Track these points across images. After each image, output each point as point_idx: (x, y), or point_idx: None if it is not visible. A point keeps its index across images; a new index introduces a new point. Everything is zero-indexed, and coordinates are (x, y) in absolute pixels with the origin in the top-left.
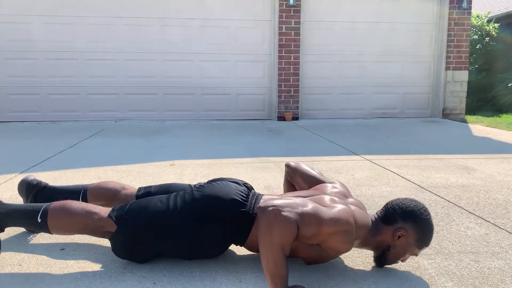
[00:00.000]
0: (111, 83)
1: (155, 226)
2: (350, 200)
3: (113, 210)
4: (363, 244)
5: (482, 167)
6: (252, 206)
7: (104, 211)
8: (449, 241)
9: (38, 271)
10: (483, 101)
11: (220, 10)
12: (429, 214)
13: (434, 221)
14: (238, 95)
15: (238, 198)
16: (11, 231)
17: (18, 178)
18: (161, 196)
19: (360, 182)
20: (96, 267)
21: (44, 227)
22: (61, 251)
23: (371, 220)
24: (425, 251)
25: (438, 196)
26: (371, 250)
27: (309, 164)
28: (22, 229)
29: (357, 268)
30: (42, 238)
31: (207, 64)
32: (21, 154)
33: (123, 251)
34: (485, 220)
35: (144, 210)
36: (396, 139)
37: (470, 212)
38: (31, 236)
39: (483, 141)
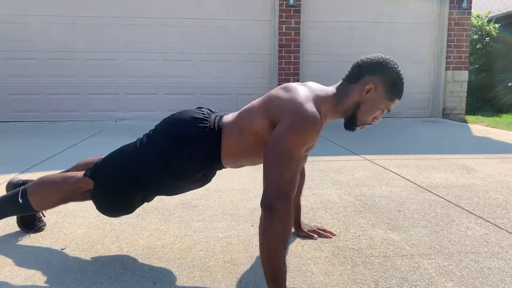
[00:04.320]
0: (111, 83)
1: (129, 167)
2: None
3: (87, 169)
4: (334, 113)
5: (482, 167)
6: (214, 121)
7: (79, 173)
8: (449, 241)
9: (38, 271)
10: (483, 101)
11: (220, 10)
12: (396, 63)
13: (434, 221)
14: (238, 95)
15: (198, 116)
16: (10, 231)
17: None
18: (128, 143)
19: (360, 182)
20: (96, 267)
21: (27, 207)
22: (61, 251)
23: (336, 87)
24: (425, 251)
25: (438, 196)
26: (343, 117)
27: (308, 164)
28: (21, 230)
29: (357, 268)
30: (42, 238)
31: (207, 64)
32: (21, 154)
33: (107, 205)
34: (485, 220)
35: (114, 156)
36: (396, 139)
37: (470, 212)
38: (27, 235)
39: (483, 141)
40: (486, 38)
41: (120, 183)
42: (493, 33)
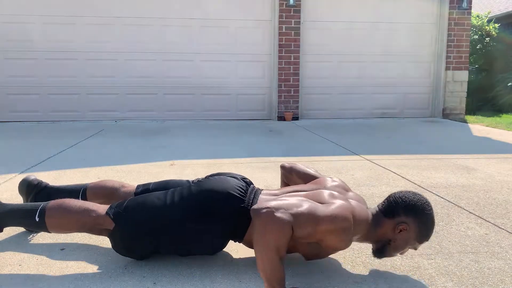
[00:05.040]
0: (111, 83)
1: (153, 223)
2: (350, 194)
3: (110, 207)
4: (363, 239)
5: (482, 167)
6: (250, 201)
7: (101, 208)
8: (449, 241)
9: (38, 271)
10: (483, 101)
11: (220, 10)
12: (431, 208)
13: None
14: (238, 95)
15: (235, 193)
16: (11, 231)
17: (18, 178)
18: (158, 193)
19: (360, 182)
20: (96, 267)
21: (42, 226)
22: (61, 251)
23: (372, 213)
24: (425, 251)
25: (438, 196)
26: (371, 243)
27: (309, 164)
28: (22, 229)
29: (357, 268)
30: (42, 238)
31: (207, 64)
32: (21, 154)
33: (122, 248)
34: (485, 220)
35: (141, 207)
36: (396, 139)
37: (470, 212)
38: (31, 236)
39: (483, 141)
40: (486, 38)
41: (141, 235)
42: (493, 33)
